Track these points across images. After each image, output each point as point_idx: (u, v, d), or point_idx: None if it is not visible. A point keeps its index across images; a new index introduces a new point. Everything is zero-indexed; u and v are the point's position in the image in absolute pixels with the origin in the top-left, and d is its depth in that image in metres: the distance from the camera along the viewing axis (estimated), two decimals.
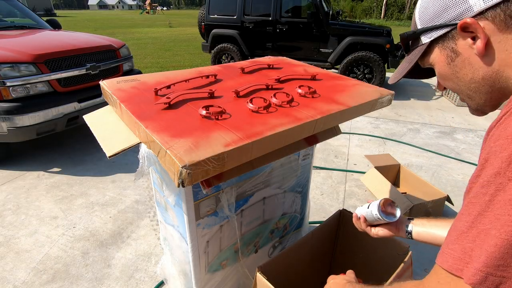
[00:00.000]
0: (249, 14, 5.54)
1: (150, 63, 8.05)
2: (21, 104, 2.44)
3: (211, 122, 0.88)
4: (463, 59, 0.51)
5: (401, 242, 1.13)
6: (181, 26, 20.71)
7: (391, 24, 19.45)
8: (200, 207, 1.07)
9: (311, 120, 0.95)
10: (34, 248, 1.84)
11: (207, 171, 0.74)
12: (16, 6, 3.88)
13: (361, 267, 1.29)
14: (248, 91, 1.12)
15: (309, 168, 1.52)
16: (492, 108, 0.56)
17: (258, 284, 1.00)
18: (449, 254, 0.44)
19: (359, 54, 4.87)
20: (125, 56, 3.41)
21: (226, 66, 1.47)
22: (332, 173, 2.73)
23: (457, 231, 0.44)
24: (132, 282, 1.63)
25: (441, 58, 0.55)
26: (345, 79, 1.41)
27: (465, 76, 0.52)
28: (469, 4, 0.46)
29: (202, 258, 1.18)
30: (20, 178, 2.58)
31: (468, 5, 0.46)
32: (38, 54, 2.56)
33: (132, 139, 0.93)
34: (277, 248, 1.56)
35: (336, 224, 1.31)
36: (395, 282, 0.59)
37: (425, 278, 0.49)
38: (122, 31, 16.71)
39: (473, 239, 0.41)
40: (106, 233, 1.97)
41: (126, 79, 1.19)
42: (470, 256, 0.41)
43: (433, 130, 3.74)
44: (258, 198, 1.30)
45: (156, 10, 50.06)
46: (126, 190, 2.43)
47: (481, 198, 0.41)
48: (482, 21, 0.46)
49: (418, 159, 3.02)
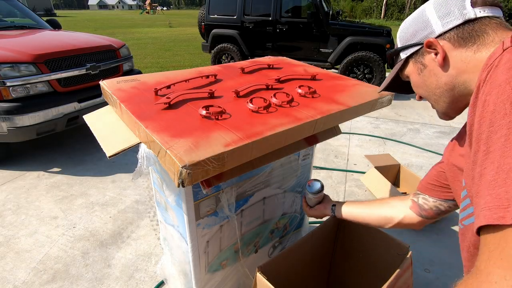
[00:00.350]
0: (249, 14, 5.54)
1: (150, 63, 8.05)
2: (21, 104, 2.44)
3: (211, 122, 0.88)
4: (429, 70, 0.67)
5: (401, 242, 1.13)
6: (181, 26, 20.72)
7: (391, 24, 19.45)
8: (200, 207, 1.07)
9: (311, 120, 0.95)
10: (34, 248, 1.84)
11: (207, 171, 0.74)
12: (16, 6, 3.88)
13: (361, 267, 1.30)
14: (248, 91, 1.12)
15: (309, 168, 1.52)
16: (456, 113, 0.70)
17: (258, 284, 1.00)
18: (485, 210, 0.39)
19: (359, 54, 4.87)
20: (125, 56, 3.41)
21: (226, 66, 1.47)
22: (332, 173, 2.73)
23: (485, 185, 0.41)
24: (132, 282, 1.63)
25: (414, 70, 0.71)
26: (345, 79, 1.41)
27: (431, 84, 0.67)
28: (433, 29, 0.63)
29: (202, 258, 1.18)
30: (20, 178, 2.58)
31: (432, 29, 0.64)
32: (38, 54, 2.56)
33: (132, 139, 0.93)
34: (277, 248, 1.56)
35: (336, 224, 1.31)
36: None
37: (477, 257, 0.42)
38: (122, 31, 16.71)
39: (504, 181, 0.38)
40: (106, 233, 1.97)
41: (126, 79, 1.19)
42: (507, 199, 0.37)
43: (433, 130, 3.74)
44: (258, 198, 1.30)
45: (156, 10, 50.07)
46: (126, 190, 2.43)
47: (496, 144, 0.41)
48: (441, 41, 0.62)
49: (418, 159, 3.02)
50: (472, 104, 0.48)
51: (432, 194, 0.83)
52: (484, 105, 0.44)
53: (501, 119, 0.41)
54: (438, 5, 0.63)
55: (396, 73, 0.77)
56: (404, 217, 0.89)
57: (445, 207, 0.82)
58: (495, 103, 0.42)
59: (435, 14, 0.63)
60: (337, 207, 1.08)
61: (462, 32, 0.59)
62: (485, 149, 0.42)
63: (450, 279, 1.66)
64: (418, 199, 0.87)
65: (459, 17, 0.59)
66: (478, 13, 0.58)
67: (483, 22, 0.58)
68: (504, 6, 21.56)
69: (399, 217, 0.90)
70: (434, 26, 0.63)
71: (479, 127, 0.45)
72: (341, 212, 1.05)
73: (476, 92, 0.48)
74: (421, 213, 0.86)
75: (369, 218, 0.98)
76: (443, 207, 0.82)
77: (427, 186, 0.84)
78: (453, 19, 0.60)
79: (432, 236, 1.96)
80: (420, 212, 0.86)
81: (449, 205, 0.82)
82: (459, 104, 0.67)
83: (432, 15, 0.64)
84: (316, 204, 1.15)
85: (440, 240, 1.92)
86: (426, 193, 0.85)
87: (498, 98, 0.42)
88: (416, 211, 0.87)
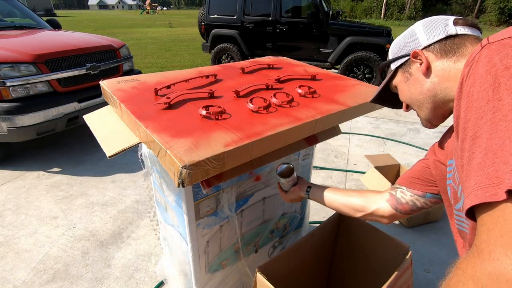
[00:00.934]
0: (249, 14, 5.55)
1: (150, 63, 8.05)
2: (21, 104, 2.44)
3: (211, 122, 0.88)
4: (414, 78, 0.74)
5: (401, 242, 1.13)
6: (181, 26, 20.71)
7: (391, 24, 19.46)
8: (200, 207, 1.07)
9: (311, 120, 0.95)
10: (34, 248, 1.84)
11: (207, 171, 0.74)
12: (16, 6, 3.88)
13: (361, 267, 1.30)
14: (248, 91, 1.12)
15: (309, 168, 1.52)
16: (439, 120, 0.76)
17: (258, 284, 1.00)
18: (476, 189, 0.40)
19: (359, 54, 4.87)
20: (125, 56, 3.41)
21: (226, 66, 1.47)
22: (332, 173, 2.73)
23: (474, 167, 0.42)
24: (132, 282, 1.63)
25: (402, 79, 0.79)
26: (345, 79, 1.41)
27: (415, 90, 0.75)
28: (419, 42, 0.72)
29: (202, 258, 1.18)
30: (20, 178, 2.58)
31: (419, 42, 0.72)
32: (38, 54, 2.56)
33: (132, 139, 0.93)
34: (277, 248, 1.56)
35: (336, 224, 1.31)
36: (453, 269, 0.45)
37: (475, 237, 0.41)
38: (122, 31, 16.71)
39: (492, 161, 0.39)
40: (106, 233, 1.97)
41: (126, 79, 1.19)
42: (497, 177, 0.38)
43: (433, 130, 3.74)
44: (258, 198, 1.30)
45: (156, 10, 50.07)
46: (126, 190, 2.43)
47: (482, 128, 0.42)
48: (426, 52, 0.70)
49: (418, 159, 3.01)
50: (457, 98, 0.51)
51: (412, 187, 0.85)
52: (468, 95, 0.47)
53: (485, 105, 0.43)
54: (426, 23, 0.73)
55: (386, 83, 0.85)
56: (377, 209, 0.90)
57: (421, 203, 0.85)
58: (479, 92, 0.45)
59: (422, 30, 0.73)
60: (313, 189, 1.07)
61: (444, 45, 0.68)
62: (472, 134, 0.44)
63: None
64: (396, 193, 0.88)
65: (442, 32, 0.68)
66: (459, 30, 0.67)
67: (463, 37, 0.67)
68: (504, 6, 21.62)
69: (371, 209, 0.91)
70: (421, 40, 0.72)
71: (465, 116, 0.47)
72: (315, 195, 1.06)
73: (460, 86, 0.51)
74: (396, 206, 0.87)
75: (340, 204, 0.98)
76: (419, 202, 0.85)
77: (409, 179, 0.86)
78: (438, 33, 0.69)
79: (432, 236, 1.96)
80: (396, 206, 0.87)
81: (425, 201, 0.84)
82: (441, 111, 0.73)
83: (420, 31, 0.73)
84: (291, 187, 1.13)
85: (439, 240, 1.92)
86: (405, 186, 0.87)
87: (481, 87, 0.45)
88: (392, 204, 0.88)
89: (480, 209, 0.41)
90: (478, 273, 0.37)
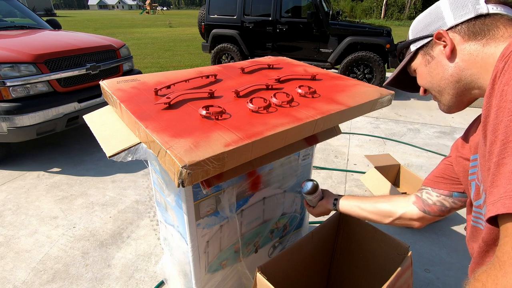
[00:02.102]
0: (249, 14, 5.54)
1: (150, 63, 8.05)
2: (21, 104, 2.44)
3: (211, 122, 0.88)
4: (436, 62, 0.67)
5: (401, 242, 1.13)
6: (181, 26, 20.71)
7: (391, 24, 19.46)
8: (200, 207, 1.07)
9: (311, 120, 0.95)
10: (34, 248, 1.84)
11: (207, 171, 0.74)
12: (16, 6, 3.88)
13: (361, 267, 1.30)
14: (248, 91, 1.12)
15: (309, 168, 1.52)
16: (458, 108, 0.71)
17: (258, 284, 1.00)
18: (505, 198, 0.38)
19: (359, 54, 4.87)
20: (125, 56, 3.41)
21: (226, 66, 1.47)
22: (332, 173, 2.73)
23: (505, 174, 0.39)
24: (132, 282, 1.63)
25: (422, 62, 0.72)
26: (345, 79, 1.41)
27: (437, 75, 0.68)
28: (444, 21, 0.64)
29: (202, 258, 1.18)
30: (20, 178, 2.58)
31: (444, 21, 0.64)
32: (38, 54, 2.56)
33: (132, 139, 0.93)
34: (277, 248, 1.56)
35: (336, 224, 1.31)
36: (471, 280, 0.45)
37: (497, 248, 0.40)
38: (122, 31, 16.71)
39: None
40: (106, 233, 1.97)
41: (126, 79, 1.19)
42: None
43: (433, 130, 3.74)
44: (258, 198, 1.30)
45: (156, 10, 50.05)
46: (126, 190, 2.43)
47: None
48: (451, 33, 0.63)
49: (418, 159, 3.02)
50: (488, 95, 0.47)
51: (436, 186, 0.82)
52: (502, 94, 0.43)
53: None
54: (453, 0, 0.64)
55: (404, 66, 0.77)
56: (404, 212, 0.88)
57: (450, 204, 0.81)
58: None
59: (448, 7, 0.64)
60: (339, 201, 1.07)
61: (473, 26, 0.60)
62: (503, 138, 0.41)
63: (450, 279, 1.66)
64: (422, 194, 0.86)
65: (472, 11, 0.60)
66: (491, 9, 0.58)
67: (495, 17, 0.58)
68: None
69: (400, 212, 0.89)
70: (446, 19, 0.64)
71: (496, 117, 0.43)
72: (343, 206, 1.05)
73: (492, 82, 0.46)
74: (424, 208, 0.84)
75: (368, 212, 0.97)
76: (447, 203, 0.81)
77: (433, 179, 0.84)
78: (466, 12, 0.61)
79: (432, 236, 1.96)
80: (423, 207, 0.85)
81: (453, 200, 0.80)
82: (463, 98, 0.67)
83: (446, 8, 0.64)
84: (318, 201, 1.15)
85: (440, 240, 1.92)
86: (430, 186, 0.84)
87: None
88: (419, 206, 0.85)
89: (506, 219, 0.39)
90: (500, 286, 0.36)
